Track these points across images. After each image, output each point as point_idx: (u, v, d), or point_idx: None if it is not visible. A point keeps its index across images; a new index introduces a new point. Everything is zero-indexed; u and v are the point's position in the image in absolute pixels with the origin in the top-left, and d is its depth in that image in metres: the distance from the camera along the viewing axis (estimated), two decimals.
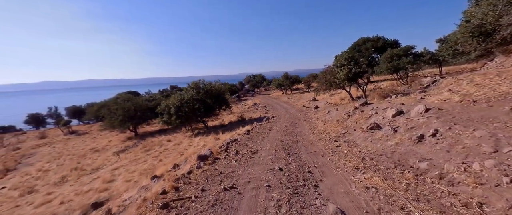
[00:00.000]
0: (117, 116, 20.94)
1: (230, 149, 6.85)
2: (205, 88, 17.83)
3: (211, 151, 6.05)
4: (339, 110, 14.61)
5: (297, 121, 14.23)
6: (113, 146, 19.72)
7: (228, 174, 4.68)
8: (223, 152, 6.45)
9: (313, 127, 11.45)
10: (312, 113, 17.16)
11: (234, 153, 6.30)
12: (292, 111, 19.61)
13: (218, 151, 6.38)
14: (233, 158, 5.87)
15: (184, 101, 16.54)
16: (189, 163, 5.61)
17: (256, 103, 28.70)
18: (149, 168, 10.37)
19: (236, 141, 8.03)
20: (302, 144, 7.60)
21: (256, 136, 9.26)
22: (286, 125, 12.50)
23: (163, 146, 15.16)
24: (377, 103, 11.07)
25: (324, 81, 16.82)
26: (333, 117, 13.30)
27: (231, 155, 6.15)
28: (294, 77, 36.88)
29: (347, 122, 10.13)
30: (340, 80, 12.57)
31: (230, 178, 4.42)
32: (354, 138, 7.43)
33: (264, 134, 9.79)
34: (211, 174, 4.74)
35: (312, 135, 9.18)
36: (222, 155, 6.20)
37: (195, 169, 4.96)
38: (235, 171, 4.82)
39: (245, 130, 10.34)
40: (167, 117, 16.30)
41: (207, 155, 5.76)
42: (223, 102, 18.95)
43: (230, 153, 6.40)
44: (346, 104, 15.98)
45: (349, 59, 12.49)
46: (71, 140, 25.27)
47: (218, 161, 5.72)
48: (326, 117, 14.11)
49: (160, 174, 5.85)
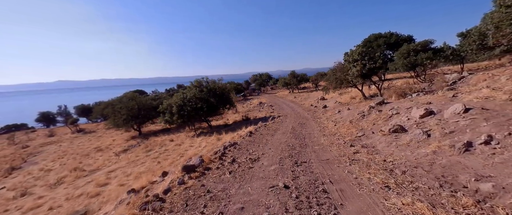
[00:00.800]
0: (121, 114, 20.43)
1: (226, 155, 5.81)
2: (208, 87, 16.92)
3: (201, 159, 5.02)
4: (351, 110, 13.32)
5: (305, 121, 13.06)
6: (116, 145, 19.21)
7: (216, 193, 3.59)
8: (217, 159, 5.38)
9: (323, 128, 10.28)
10: (320, 113, 15.93)
11: (230, 162, 5.19)
12: (299, 110, 18.42)
13: (210, 158, 5.27)
14: (228, 168, 4.80)
15: (187, 100, 15.70)
16: (172, 175, 4.57)
17: (261, 103, 27.61)
18: (145, 170, 9.55)
19: (235, 145, 6.95)
20: (312, 148, 6.49)
21: (259, 139, 8.18)
22: (293, 125, 11.38)
23: (164, 146, 14.38)
24: (396, 102, 9.76)
25: (334, 79, 15.52)
26: (344, 117, 12.05)
27: (226, 164, 5.04)
28: (301, 76, 35.48)
29: (362, 123, 8.90)
30: (353, 77, 11.31)
31: (217, 200, 3.32)
32: (373, 143, 6.24)
33: (268, 136, 8.71)
34: (194, 194, 3.66)
35: (322, 138, 8.03)
36: (215, 164, 5.10)
37: (175, 185, 3.90)
38: (226, 188, 3.70)
39: (248, 131, 9.29)
40: (169, 116, 15.52)
41: (195, 165, 4.67)
42: (227, 101, 18.00)
43: (225, 161, 5.30)
44: (358, 104, 14.64)
45: (363, 54, 11.19)
46: (77, 138, 25.11)
47: (209, 172, 4.64)
48: (337, 117, 12.87)
49: (139, 187, 4.89)
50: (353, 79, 11.54)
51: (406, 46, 17.50)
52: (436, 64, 16.39)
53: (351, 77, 11.42)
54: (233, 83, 41.00)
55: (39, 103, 58.17)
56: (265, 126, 10.65)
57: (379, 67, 11.30)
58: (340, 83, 15.24)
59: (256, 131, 9.62)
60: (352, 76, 11.34)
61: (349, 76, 11.57)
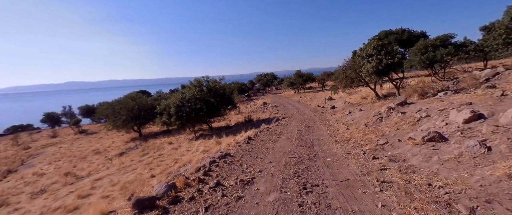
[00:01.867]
0: (120, 115, 19.53)
1: (210, 174, 4.36)
2: (208, 86, 15.73)
3: (169, 186, 3.48)
4: (364, 111, 11.82)
5: (312, 123, 11.66)
6: (115, 147, 18.31)
7: None
8: (196, 181, 3.92)
9: (333, 132, 8.88)
10: (329, 114, 14.47)
11: (212, 187, 3.73)
12: (305, 111, 16.98)
13: (188, 180, 3.92)
14: (206, 199, 3.38)
15: (185, 101, 14.55)
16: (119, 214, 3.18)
17: (265, 103, 26.27)
18: (133, 180, 8.41)
19: (227, 156, 5.58)
20: (324, 161, 5.13)
21: (258, 147, 6.82)
22: (299, 128, 10.02)
23: (160, 150, 13.27)
24: (421, 102, 8.24)
25: (344, 77, 14.03)
26: (357, 119, 10.58)
27: (206, 192, 3.59)
28: (307, 75, 33.91)
29: (381, 127, 7.45)
30: (367, 74, 9.84)
31: None
32: (403, 154, 4.83)
33: (270, 142, 7.36)
34: None
35: (335, 145, 6.64)
36: (190, 191, 3.63)
37: None
38: None
39: (246, 137, 7.94)
40: (166, 117, 14.41)
41: (156, 197, 3.23)
42: (228, 102, 16.77)
43: (206, 185, 3.84)
44: (371, 104, 13.11)
45: (378, 48, 9.70)
46: (79, 139, 24.48)
47: (175, 209, 3.16)
48: (348, 119, 11.40)
49: None
50: (367, 77, 10.07)
51: (423, 41, 15.77)
52: (459, 60, 14.64)
53: (366, 75, 9.94)
54: (237, 83, 39.84)
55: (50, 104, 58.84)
56: (267, 130, 9.31)
57: (397, 63, 9.79)
58: (350, 82, 13.73)
59: (257, 136, 8.27)
60: (366, 74, 9.86)
61: (363, 73, 10.08)
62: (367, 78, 10.18)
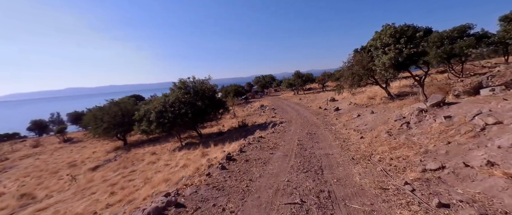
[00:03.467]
0: (102, 122, 17.44)
1: None
2: (195, 88, 13.67)
3: None
4: (377, 113, 9.74)
5: (315, 129, 9.56)
6: (94, 159, 16.18)
7: None
8: None
9: (344, 142, 6.79)
10: (333, 117, 12.39)
11: None
12: (306, 113, 14.89)
13: None
14: None
15: (168, 105, 12.48)
16: None
17: (263, 106, 24.19)
18: (82, 213, 6.29)
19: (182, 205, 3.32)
20: (347, 210, 3.02)
21: (237, 176, 4.59)
22: (300, 137, 7.92)
23: (136, 165, 11.15)
24: (468, 103, 6.13)
25: (350, 74, 11.99)
26: (371, 124, 8.48)
27: None
28: (306, 76, 31.90)
29: (417, 137, 5.33)
30: (382, 68, 7.80)
31: None
32: (492, 197, 2.74)
33: (257, 164, 5.18)
34: None
35: (353, 168, 4.53)
36: None
37: None
38: None
39: (225, 157, 5.69)
40: (146, 124, 12.32)
41: None
42: (219, 105, 14.69)
43: None
44: (383, 105, 11.04)
45: (397, 35, 7.68)
46: (62, 149, 22.35)
47: None
48: (358, 123, 9.31)
49: None
50: (383, 71, 8.02)
51: (438, 33, 13.76)
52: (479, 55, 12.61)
53: (381, 69, 7.87)
54: (234, 86, 37.84)
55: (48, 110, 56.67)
56: (258, 141, 7.15)
57: (421, 53, 7.74)
58: (358, 80, 11.69)
59: (241, 152, 6.04)
60: (381, 67, 7.80)
61: (378, 67, 8.01)
62: (382, 73, 8.13)
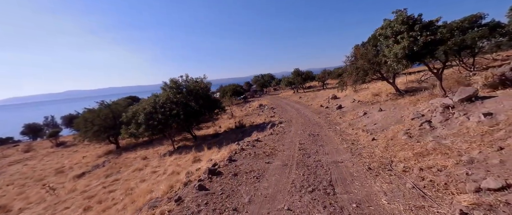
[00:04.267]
0: (92, 125, 16.49)
1: None
2: (188, 88, 12.68)
3: None
4: (386, 111, 8.75)
5: (318, 129, 8.58)
6: (83, 164, 15.21)
7: None
8: None
9: (352, 145, 5.81)
10: (336, 115, 11.42)
11: None
12: (306, 112, 13.91)
13: None
14: None
15: (159, 106, 11.51)
16: None
17: (261, 105, 23.20)
18: None
19: None
20: None
21: (221, 199, 3.55)
22: (301, 139, 6.94)
23: (123, 171, 10.18)
24: (508, 97, 5.12)
25: (354, 69, 11.00)
26: (381, 123, 7.50)
27: None
28: (306, 74, 30.88)
29: (452, 141, 4.31)
30: (394, 59, 6.78)
31: None
32: None
33: (248, 180, 4.12)
34: None
35: (374, 184, 3.53)
36: None
37: None
38: None
39: (206, 170, 4.52)
40: (134, 127, 11.34)
41: None
42: (215, 105, 13.72)
43: None
44: (390, 102, 10.05)
45: (410, 22, 6.68)
46: (53, 153, 21.38)
47: None
48: (366, 123, 8.33)
49: None
50: (394, 63, 7.00)
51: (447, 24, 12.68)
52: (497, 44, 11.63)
53: (393, 60, 6.85)
54: (232, 85, 36.86)
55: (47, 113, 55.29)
56: (253, 146, 6.13)
57: (440, 41, 6.75)
58: (363, 75, 10.69)
59: (230, 163, 4.84)
60: (393, 59, 6.78)
61: (389, 59, 6.98)
62: (393, 65, 7.12)
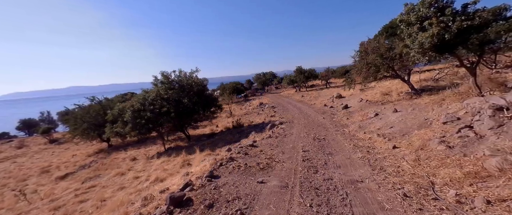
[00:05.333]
0: (82, 122, 15.51)
1: None
2: (181, 83, 11.56)
3: None
4: (402, 112, 7.55)
5: (324, 132, 7.41)
6: (71, 163, 14.24)
7: None
8: None
9: (368, 153, 4.65)
10: (342, 116, 10.25)
11: None
12: (309, 112, 12.72)
13: None
14: None
15: (148, 103, 10.42)
16: None
17: (262, 103, 22.06)
18: None
19: None
20: None
21: None
22: (305, 145, 5.79)
23: (103, 176, 9.12)
24: None
25: (365, 65, 9.78)
26: (397, 125, 6.32)
27: None
28: (309, 72, 29.58)
29: None
30: (419, 50, 5.54)
31: None
32: None
33: (234, 198, 3.00)
34: None
35: None
36: None
37: None
38: None
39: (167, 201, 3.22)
40: (120, 126, 10.28)
41: None
42: (210, 102, 12.59)
43: None
44: (406, 102, 8.83)
45: (440, 6, 5.45)
46: (45, 150, 20.50)
47: None
48: (378, 125, 7.16)
49: None
50: (417, 55, 5.76)
51: None
52: None
53: (417, 51, 5.61)
54: (233, 83, 35.70)
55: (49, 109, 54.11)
56: (246, 154, 4.90)
57: (478, 27, 5.53)
58: (375, 71, 9.48)
59: (210, 181, 3.54)
60: (418, 49, 5.54)
61: (413, 49, 5.73)
62: (417, 57, 5.87)
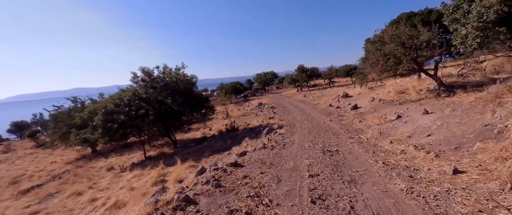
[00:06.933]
0: (63, 126, 13.88)
1: None
2: (164, 81, 9.80)
3: None
4: (436, 113, 5.69)
5: (335, 141, 5.58)
6: (47, 172, 12.60)
7: None
8: None
9: (424, 189, 2.82)
10: (352, 117, 8.45)
11: None
12: (313, 113, 10.87)
13: None
14: None
15: (123, 104, 8.68)
16: None
17: (261, 104, 20.24)
18: None
19: None
20: None
21: None
22: (311, 163, 3.99)
23: (66, 190, 7.39)
24: None
25: (381, 56, 7.91)
26: (437, 133, 4.46)
27: None
28: (311, 70, 27.66)
29: None
30: (477, 24, 3.73)
31: None
32: None
33: None
34: None
35: None
36: None
37: None
38: None
39: None
40: (90, 131, 8.57)
41: None
42: (200, 103, 10.82)
43: None
44: (435, 101, 6.94)
45: None
46: (30, 155, 18.94)
47: None
48: (409, 132, 5.31)
49: None
50: (475, 32, 3.95)
51: None
52: None
53: (474, 27, 3.80)
54: (232, 83, 33.92)
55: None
56: (219, 185, 2.92)
57: None
58: (395, 64, 7.61)
59: None
60: (476, 24, 3.73)
61: (469, 24, 3.89)
62: (472, 38, 4.05)
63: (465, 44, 4.60)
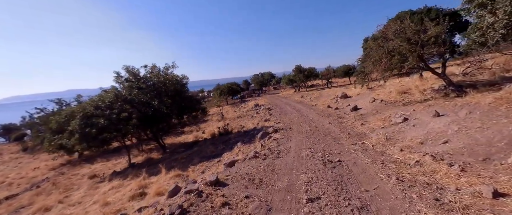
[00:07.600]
0: (46, 130, 12.96)
1: None
2: (150, 80, 9.02)
3: None
4: (450, 116, 4.99)
5: (337, 148, 4.88)
6: (28, 179, 11.70)
7: None
8: None
9: None
10: (353, 120, 7.78)
11: None
12: (311, 115, 10.18)
13: None
14: None
15: (104, 106, 7.89)
16: None
17: (257, 105, 19.53)
18: None
19: None
20: None
21: None
22: (310, 178, 3.29)
23: (36, 203, 6.58)
24: None
25: (385, 53, 7.26)
26: (455, 140, 3.74)
27: None
28: (308, 70, 27.02)
29: None
30: (496, 33, 3.09)
31: None
32: None
33: None
34: None
35: None
36: None
37: None
38: None
39: None
40: (66, 136, 7.76)
41: None
42: (191, 106, 10.06)
43: None
44: (444, 102, 6.29)
45: None
46: (15, 160, 17.93)
47: None
48: (421, 137, 4.61)
49: None
50: (505, 18, 3.33)
51: None
52: None
53: (507, 11, 3.19)
54: (229, 84, 33.14)
55: None
56: (201, 201, 2.31)
57: None
58: (401, 61, 6.96)
59: None
60: (510, 7, 3.11)
61: (502, 7, 3.28)
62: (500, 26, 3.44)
63: (486, 36, 3.93)
